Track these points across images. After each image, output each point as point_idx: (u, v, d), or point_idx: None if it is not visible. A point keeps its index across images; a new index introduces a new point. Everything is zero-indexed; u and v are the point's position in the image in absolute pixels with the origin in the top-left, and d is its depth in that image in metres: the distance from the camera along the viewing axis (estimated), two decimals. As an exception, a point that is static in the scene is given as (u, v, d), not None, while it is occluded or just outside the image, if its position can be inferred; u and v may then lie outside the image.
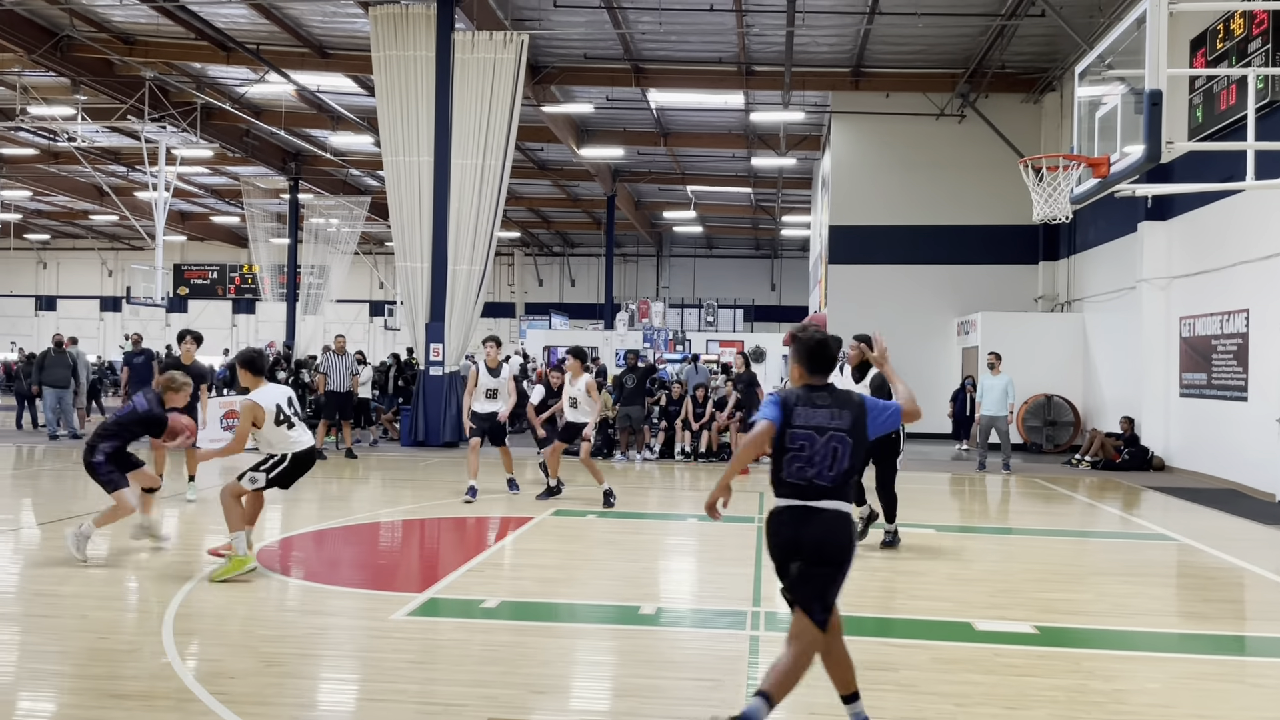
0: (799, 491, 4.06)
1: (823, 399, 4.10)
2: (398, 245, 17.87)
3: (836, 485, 4.04)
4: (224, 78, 23.89)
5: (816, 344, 4.18)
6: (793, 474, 4.06)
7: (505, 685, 4.83)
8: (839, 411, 4.07)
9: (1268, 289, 12.82)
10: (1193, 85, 14.42)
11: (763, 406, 4.19)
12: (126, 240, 47.20)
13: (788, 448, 4.05)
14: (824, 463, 4.02)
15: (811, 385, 4.16)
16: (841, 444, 4.03)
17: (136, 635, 5.63)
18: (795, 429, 4.05)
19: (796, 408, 4.07)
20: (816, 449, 4.02)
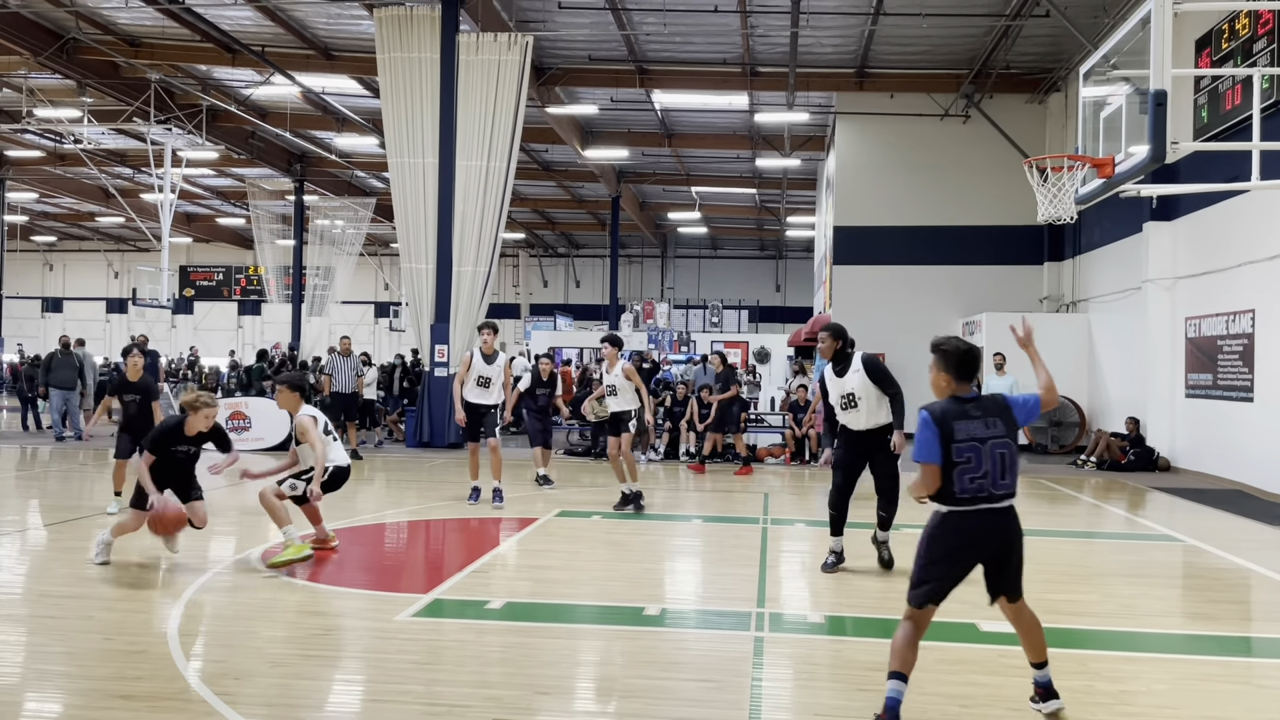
0: (978, 500, 4.22)
1: (974, 410, 4.28)
2: (403, 247, 17.90)
3: (1012, 490, 4.28)
4: (229, 80, 23.96)
5: (964, 353, 4.41)
6: (966, 487, 4.19)
7: (509, 686, 4.84)
8: (992, 420, 4.26)
9: (1273, 289, 12.79)
10: (1198, 85, 14.40)
11: (920, 437, 4.26)
12: (132, 242, 47.33)
13: (955, 461, 4.18)
14: (995, 471, 4.21)
15: (960, 396, 4.35)
16: (1006, 449, 4.24)
17: (142, 636, 5.65)
18: (958, 443, 4.18)
19: (954, 423, 4.21)
20: (983, 459, 4.19)
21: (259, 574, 7.30)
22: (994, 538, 4.27)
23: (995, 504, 4.22)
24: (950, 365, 4.37)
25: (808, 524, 10.20)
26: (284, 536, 7.35)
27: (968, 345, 4.40)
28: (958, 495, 4.18)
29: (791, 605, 6.78)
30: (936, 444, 4.19)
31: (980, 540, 4.26)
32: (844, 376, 7.47)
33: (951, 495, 4.19)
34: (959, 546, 4.26)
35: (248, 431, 16.82)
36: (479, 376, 10.67)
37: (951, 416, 4.21)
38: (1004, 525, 4.27)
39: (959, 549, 4.27)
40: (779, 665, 5.34)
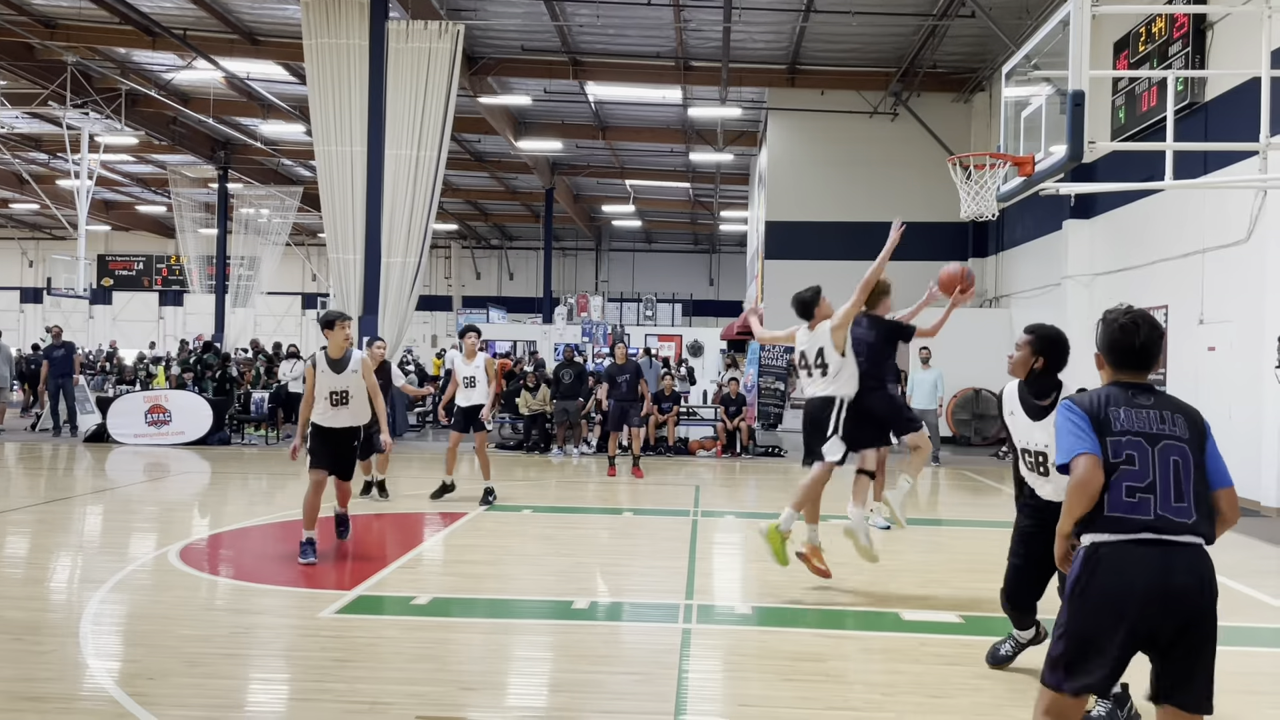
0: (1143, 525, 3.01)
1: (1145, 397, 3.20)
2: (330, 237, 17.58)
3: (1197, 519, 3.06)
4: (150, 64, 23.27)
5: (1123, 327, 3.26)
6: (1120, 500, 3.03)
7: (435, 683, 4.79)
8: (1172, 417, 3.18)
9: (1186, 286, 13.22)
10: (1115, 87, 14.79)
11: (1064, 429, 3.20)
12: (48, 230, 45.77)
13: (1110, 462, 3.08)
14: (1166, 486, 3.05)
15: (1126, 383, 3.26)
16: (1184, 458, 3.09)
17: (52, 636, 5.47)
18: (1115, 436, 3.11)
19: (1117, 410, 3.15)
20: (1151, 464, 3.06)
21: (175, 571, 7.12)
22: (1179, 588, 3.03)
23: (1175, 535, 3.04)
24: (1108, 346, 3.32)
25: (737, 516, 10.28)
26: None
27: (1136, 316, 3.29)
28: (1109, 516, 3.05)
29: (720, 597, 6.83)
30: (1090, 428, 3.14)
31: (1156, 590, 3.00)
32: (1040, 420, 4.62)
33: (1100, 516, 3.07)
34: (1119, 602, 3.01)
35: (168, 425, 16.40)
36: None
37: (1110, 403, 3.17)
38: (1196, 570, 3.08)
39: (1121, 608, 3.00)
40: (706, 657, 5.37)
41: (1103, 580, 2.99)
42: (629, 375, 13.32)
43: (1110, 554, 3.00)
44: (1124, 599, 2.95)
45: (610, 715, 4.43)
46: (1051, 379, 4.73)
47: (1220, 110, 12.31)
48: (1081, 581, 3.05)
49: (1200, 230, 12.84)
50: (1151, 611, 2.96)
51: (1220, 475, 3.14)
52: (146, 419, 16.44)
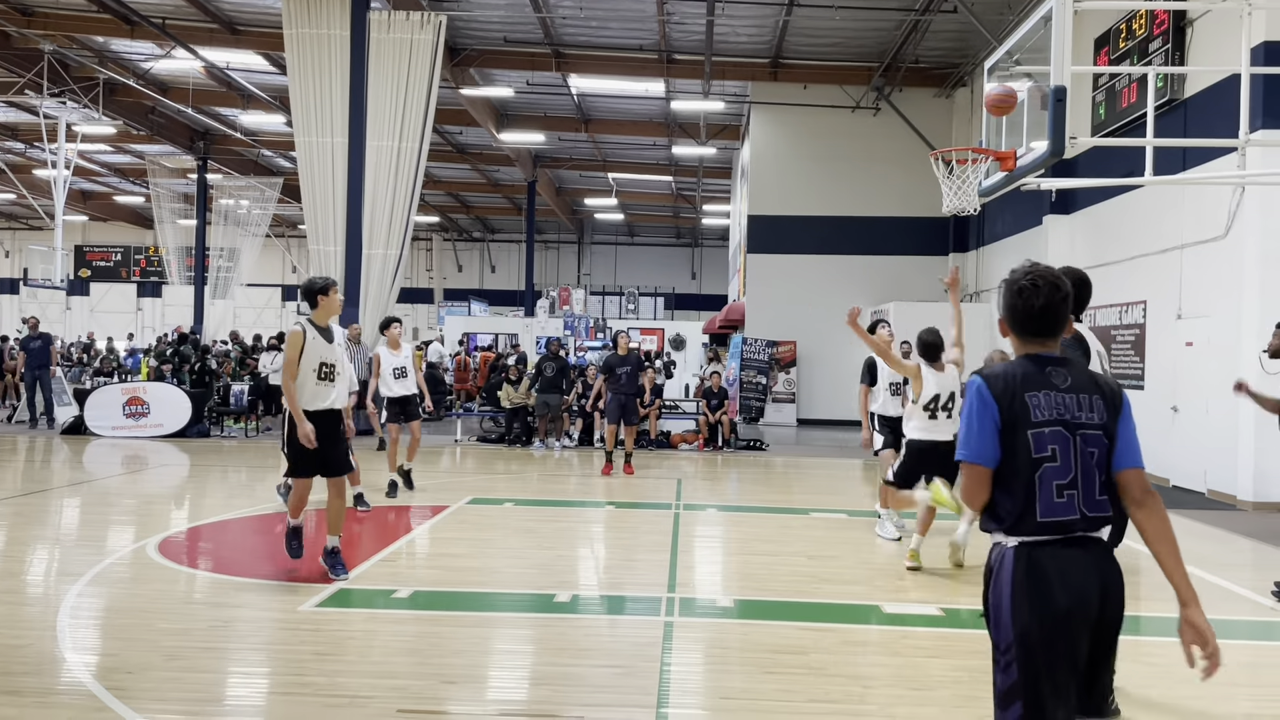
0: (1072, 525, 2.71)
1: (1060, 378, 2.80)
2: (310, 228, 17.46)
3: (1114, 512, 2.79)
4: (128, 52, 23.03)
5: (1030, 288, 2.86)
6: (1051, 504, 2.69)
7: (416, 676, 4.78)
8: (1087, 398, 2.78)
9: (1164, 282, 13.32)
10: (1096, 83, 14.87)
11: (967, 417, 2.80)
12: (24, 220, 45.27)
13: (1033, 458, 2.71)
14: (1088, 481, 2.73)
15: (1038, 355, 2.86)
16: (1097, 447, 2.75)
17: (29, 630, 5.42)
18: (1037, 428, 2.72)
19: (1027, 394, 2.74)
20: (1073, 457, 2.72)
21: (153, 564, 7.07)
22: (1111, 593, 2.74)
23: (1094, 532, 2.76)
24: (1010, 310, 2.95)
25: (719, 509, 10.30)
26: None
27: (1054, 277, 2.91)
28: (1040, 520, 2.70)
29: (701, 590, 6.84)
30: (993, 420, 2.76)
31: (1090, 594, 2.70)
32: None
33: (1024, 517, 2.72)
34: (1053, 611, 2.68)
35: (146, 417, 16.28)
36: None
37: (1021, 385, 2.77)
38: (1116, 572, 2.77)
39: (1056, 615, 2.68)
40: (688, 650, 5.37)
41: (1049, 591, 2.65)
42: (630, 367, 12.85)
43: (1050, 562, 2.67)
44: (1071, 607, 2.65)
45: (592, 708, 4.43)
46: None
47: (1199, 107, 12.41)
48: (1029, 598, 2.66)
49: (1179, 226, 12.94)
50: (1093, 616, 2.68)
51: (1133, 454, 2.80)
52: (124, 411, 16.31)
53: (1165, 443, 13.01)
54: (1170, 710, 4.59)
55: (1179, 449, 12.74)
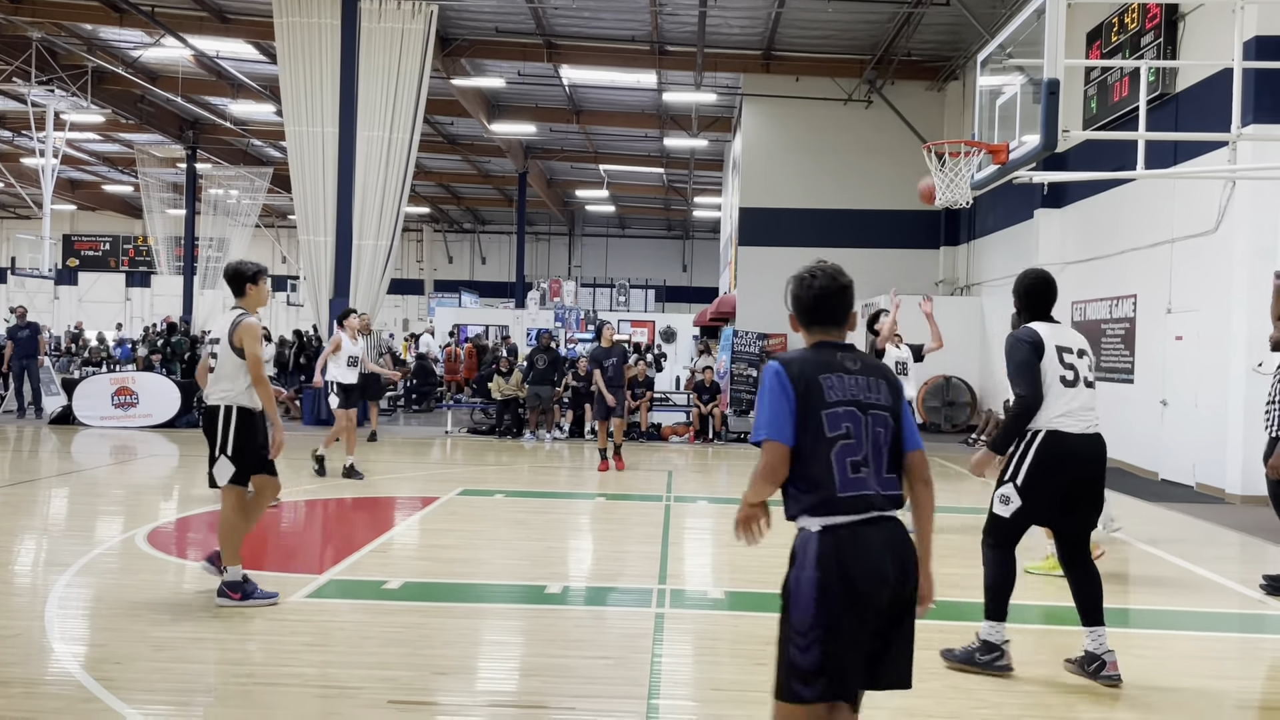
0: (864, 503, 2.80)
1: (852, 363, 2.92)
2: (300, 218, 17.40)
3: (901, 491, 2.92)
4: (117, 40, 22.86)
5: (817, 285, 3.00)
6: (848, 480, 2.79)
7: (406, 667, 4.76)
8: (874, 381, 2.92)
9: (1154, 276, 13.35)
10: (1088, 77, 14.89)
11: (763, 400, 2.90)
12: (12, 209, 45.02)
13: (828, 436, 2.81)
14: (878, 459, 2.86)
15: (829, 343, 2.97)
16: (883, 427, 2.88)
17: (16, 620, 5.39)
18: (831, 409, 2.82)
19: (820, 377, 2.85)
20: (864, 436, 2.84)
21: (142, 554, 7.04)
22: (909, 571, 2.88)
23: (887, 511, 2.85)
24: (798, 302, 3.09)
25: (710, 501, 10.31)
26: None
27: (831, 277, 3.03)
28: (839, 497, 2.79)
29: (692, 582, 6.84)
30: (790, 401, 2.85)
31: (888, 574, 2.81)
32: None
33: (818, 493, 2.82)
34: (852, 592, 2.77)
35: (135, 408, 16.21)
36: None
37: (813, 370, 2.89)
38: (908, 552, 2.90)
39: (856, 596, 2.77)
40: (679, 641, 5.37)
41: (847, 568, 2.72)
42: (615, 359, 12.77)
43: (849, 538, 2.74)
44: (871, 586, 2.73)
45: (583, 700, 4.43)
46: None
47: (1191, 101, 12.43)
48: (818, 563, 2.75)
49: (1170, 220, 12.97)
50: (889, 592, 2.76)
51: (916, 437, 2.97)
52: (113, 401, 16.24)
53: (1154, 436, 13.06)
54: (1159, 701, 4.61)
55: (1168, 442, 12.79)
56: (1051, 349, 4.77)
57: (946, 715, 4.32)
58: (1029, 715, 4.34)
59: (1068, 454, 4.66)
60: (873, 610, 2.74)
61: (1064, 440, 4.67)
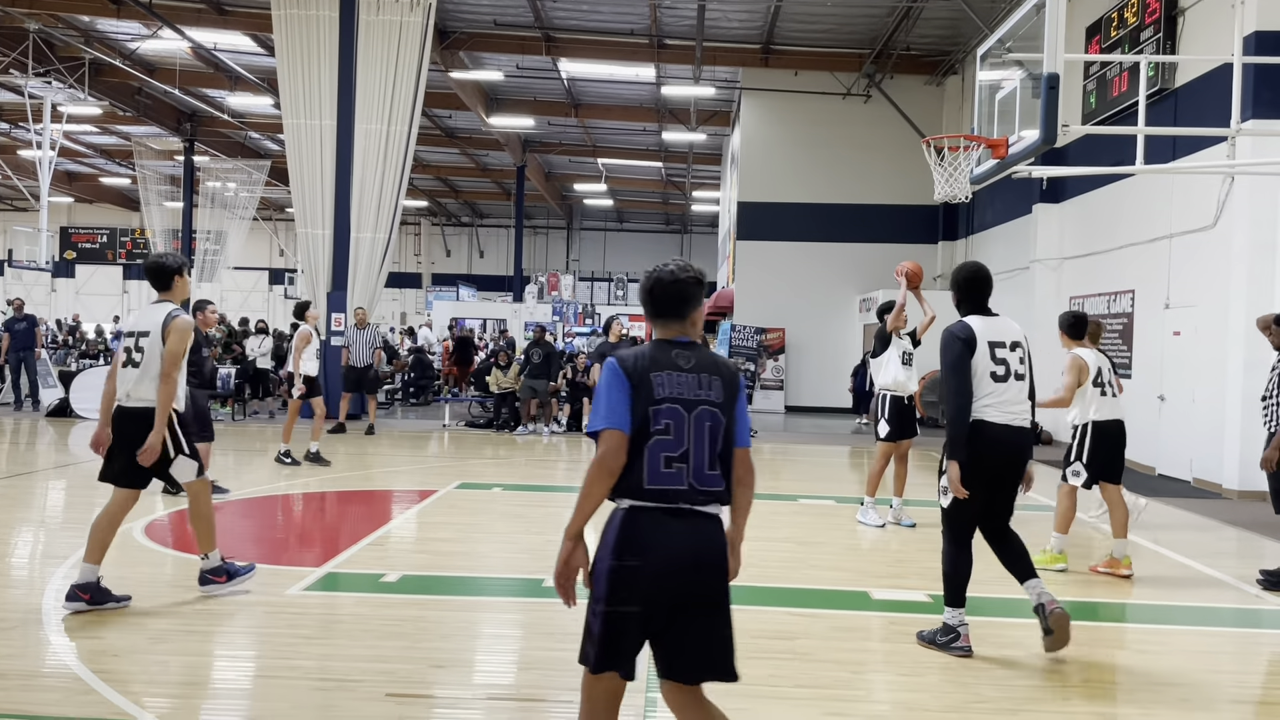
0: (672, 495, 2.92)
1: (686, 360, 3.01)
2: (298, 211, 17.37)
3: (724, 487, 3.01)
4: (114, 32, 22.79)
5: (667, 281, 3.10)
6: (659, 474, 2.91)
7: (404, 660, 4.76)
8: (708, 379, 3.00)
9: (1152, 271, 13.36)
10: (1087, 71, 14.88)
11: (602, 392, 2.98)
12: (9, 201, 44.91)
13: (650, 432, 2.91)
14: (699, 454, 2.94)
15: (667, 340, 3.08)
16: (713, 423, 2.97)
17: (14, 612, 5.38)
18: (660, 404, 2.93)
19: (652, 374, 2.95)
20: (687, 432, 2.93)
21: (139, 547, 7.03)
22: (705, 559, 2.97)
23: (699, 506, 2.95)
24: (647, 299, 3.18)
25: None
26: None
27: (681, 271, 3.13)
28: (646, 488, 2.92)
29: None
30: (625, 393, 2.95)
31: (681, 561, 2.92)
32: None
33: (634, 483, 2.93)
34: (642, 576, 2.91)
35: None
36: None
37: (648, 366, 2.97)
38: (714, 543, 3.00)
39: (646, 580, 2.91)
40: (676, 635, 5.37)
41: (643, 553, 2.87)
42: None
43: (649, 525, 2.89)
44: (663, 572, 2.87)
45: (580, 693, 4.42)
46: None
47: (1190, 96, 12.42)
48: (619, 554, 2.89)
49: (1168, 216, 12.97)
50: (683, 582, 2.88)
51: (741, 435, 3.05)
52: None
53: (1152, 432, 13.07)
54: (1156, 696, 4.61)
55: (1165, 438, 12.80)
56: (984, 344, 5.01)
57: (944, 709, 4.33)
58: (1026, 709, 4.35)
59: (990, 442, 4.91)
60: (662, 594, 2.86)
61: (987, 430, 4.92)
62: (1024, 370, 5.03)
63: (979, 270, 5.31)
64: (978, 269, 5.32)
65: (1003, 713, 4.30)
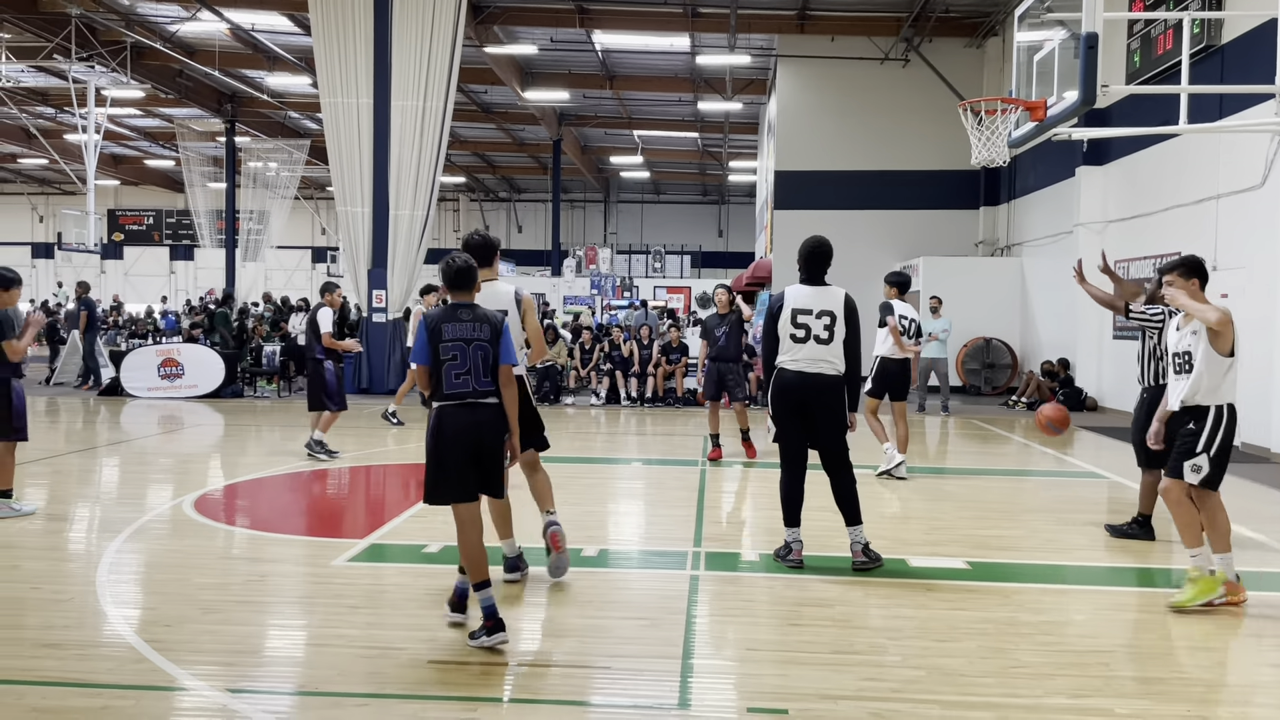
0: (461, 395, 4.69)
1: (466, 314, 4.74)
2: (337, 190, 17.54)
3: (493, 386, 4.75)
4: (154, 15, 23.06)
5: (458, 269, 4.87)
6: (453, 383, 4.66)
7: (446, 628, 4.86)
8: (479, 325, 4.72)
9: (1199, 233, 13.10)
10: (1131, 30, 14.55)
11: (418, 339, 4.78)
12: (57, 185, 45.75)
13: (442, 360, 4.66)
14: (478, 370, 4.69)
15: (455, 303, 4.84)
16: (483, 351, 4.71)
17: (70, 585, 5.56)
18: (445, 342, 4.66)
19: (443, 325, 4.69)
20: (468, 358, 4.68)
21: (189, 521, 7.21)
22: (485, 427, 4.73)
23: (480, 400, 4.71)
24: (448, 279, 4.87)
25: (746, 465, 10.33)
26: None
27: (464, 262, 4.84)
28: (446, 393, 4.67)
29: (728, 544, 6.89)
30: (425, 337, 4.71)
31: (470, 425, 4.68)
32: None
33: (441, 393, 4.69)
34: (450, 439, 4.66)
35: (180, 378, 16.51)
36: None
37: (442, 319, 4.71)
38: (490, 416, 4.75)
39: (451, 441, 4.66)
40: (714, 602, 5.42)
41: (447, 429, 4.65)
42: (728, 328, 10.59)
43: (450, 412, 4.67)
44: (456, 439, 4.64)
45: (618, 659, 4.49)
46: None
47: (1236, 53, 12.11)
48: (434, 430, 4.67)
49: (1215, 176, 12.70)
50: (472, 438, 4.67)
51: (507, 356, 4.77)
52: (160, 372, 16.55)
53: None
54: (1196, 660, 4.59)
55: (1212, 402, 12.59)
56: (788, 311, 6.08)
57: (979, 674, 4.34)
58: (1064, 674, 4.35)
59: (782, 386, 6.05)
60: (461, 451, 4.65)
61: (781, 375, 6.07)
62: (827, 335, 6.03)
63: (811, 244, 6.30)
64: (811, 243, 6.30)
65: (1041, 678, 4.30)
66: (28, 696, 3.96)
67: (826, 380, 6.00)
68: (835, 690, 4.13)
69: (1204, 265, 5.55)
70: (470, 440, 4.66)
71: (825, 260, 6.24)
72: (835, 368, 6.02)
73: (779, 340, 6.08)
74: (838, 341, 6.04)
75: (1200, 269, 5.49)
